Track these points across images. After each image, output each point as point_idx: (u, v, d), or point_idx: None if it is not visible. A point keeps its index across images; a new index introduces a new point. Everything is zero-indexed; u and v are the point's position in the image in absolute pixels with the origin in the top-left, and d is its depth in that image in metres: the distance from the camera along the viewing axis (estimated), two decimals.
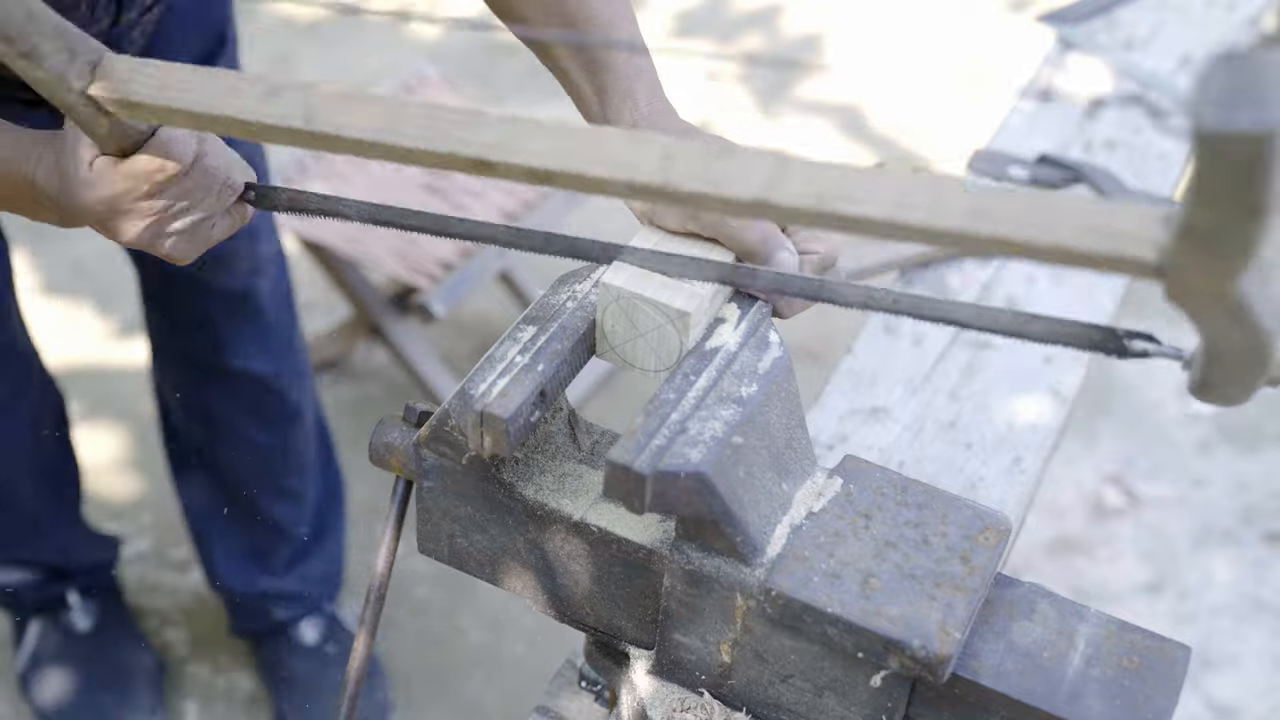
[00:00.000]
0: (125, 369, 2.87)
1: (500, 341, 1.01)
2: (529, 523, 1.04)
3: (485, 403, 0.95)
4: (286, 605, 2.29)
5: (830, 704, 0.99)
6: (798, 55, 4.01)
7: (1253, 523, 2.67)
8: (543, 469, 1.05)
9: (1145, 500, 2.72)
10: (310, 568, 2.28)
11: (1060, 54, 2.14)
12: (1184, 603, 2.53)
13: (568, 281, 1.07)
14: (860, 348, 1.59)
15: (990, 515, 1.01)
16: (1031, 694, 0.95)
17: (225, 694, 2.35)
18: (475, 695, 2.38)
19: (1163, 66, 2.11)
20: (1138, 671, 0.97)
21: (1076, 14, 2.21)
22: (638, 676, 1.06)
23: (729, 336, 1.01)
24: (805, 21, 4.15)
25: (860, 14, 4.18)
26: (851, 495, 1.02)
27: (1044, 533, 2.64)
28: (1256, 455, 2.80)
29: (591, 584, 1.05)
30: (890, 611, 0.93)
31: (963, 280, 1.69)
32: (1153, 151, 1.92)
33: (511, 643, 2.46)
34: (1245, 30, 2.21)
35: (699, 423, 0.95)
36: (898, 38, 4.08)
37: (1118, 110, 2.01)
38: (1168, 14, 2.23)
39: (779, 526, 0.99)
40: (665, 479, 0.91)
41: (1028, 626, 0.99)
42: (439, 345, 2.96)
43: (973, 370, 1.56)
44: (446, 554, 1.11)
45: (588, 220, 3.08)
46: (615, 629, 1.07)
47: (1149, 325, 3.33)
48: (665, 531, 1.02)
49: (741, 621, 0.98)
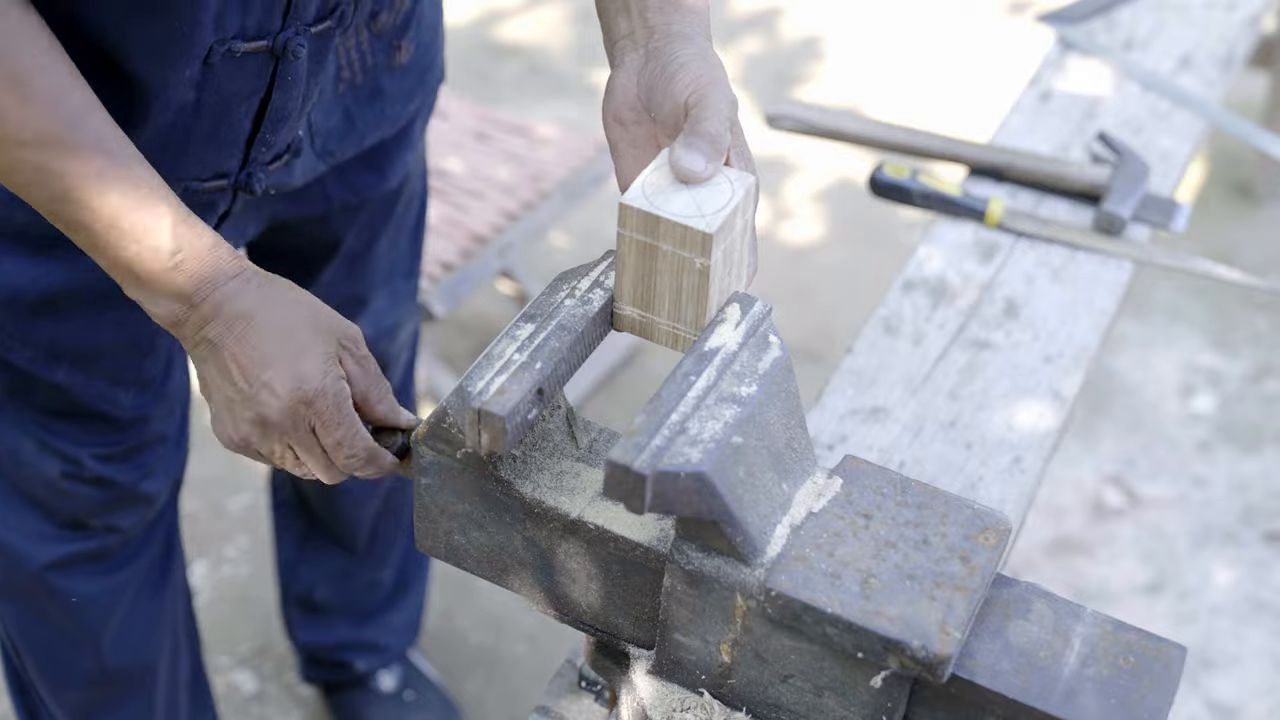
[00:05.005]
0: None
1: (498, 339, 1.01)
2: (526, 520, 1.05)
3: (483, 400, 0.95)
4: (367, 656, 2.21)
5: (830, 704, 0.99)
6: (798, 56, 4.01)
7: (1253, 523, 2.67)
8: (540, 467, 1.05)
9: (1145, 500, 2.72)
10: (393, 618, 2.21)
11: (1060, 54, 2.14)
12: (1184, 603, 2.53)
13: (566, 279, 1.07)
14: (860, 348, 1.59)
15: (990, 515, 1.01)
16: (1027, 693, 0.95)
17: (225, 695, 2.35)
18: (475, 695, 2.38)
19: (1163, 66, 2.11)
20: (1133, 671, 0.97)
21: (1076, 14, 2.21)
22: (638, 677, 1.06)
23: (729, 336, 1.01)
24: (805, 22, 4.15)
25: (860, 14, 4.19)
26: (851, 495, 1.02)
27: (1044, 533, 2.64)
28: (1256, 455, 2.80)
29: (589, 582, 1.05)
30: (890, 611, 0.93)
31: (963, 280, 1.69)
32: (1153, 151, 1.92)
33: (511, 643, 2.46)
34: (1245, 30, 2.21)
35: (699, 423, 0.95)
36: (898, 38, 4.08)
37: (1117, 110, 2.01)
38: (1168, 14, 2.23)
39: (779, 526, 0.99)
40: (665, 479, 0.91)
41: (1024, 626, 0.99)
42: (439, 345, 2.96)
43: (973, 370, 1.56)
44: (444, 551, 1.11)
45: (588, 220, 3.08)
46: (613, 627, 1.07)
47: (1149, 324, 3.33)
48: (663, 530, 1.02)
49: (741, 621, 0.98)
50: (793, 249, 3.35)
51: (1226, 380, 2.98)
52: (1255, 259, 3.23)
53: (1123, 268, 1.73)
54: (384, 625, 2.20)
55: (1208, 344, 3.07)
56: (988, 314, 1.64)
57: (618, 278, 1.03)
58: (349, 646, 2.20)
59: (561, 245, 3.29)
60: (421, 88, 1.54)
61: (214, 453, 2.75)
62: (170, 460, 1.62)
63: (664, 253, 0.99)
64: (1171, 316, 3.13)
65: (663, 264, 1.00)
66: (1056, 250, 1.74)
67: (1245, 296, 3.16)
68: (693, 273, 0.99)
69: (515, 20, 4.08)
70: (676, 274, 1.00)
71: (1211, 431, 2.86)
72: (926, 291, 1.67)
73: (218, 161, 1.31)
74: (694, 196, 0.99)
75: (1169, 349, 3.05)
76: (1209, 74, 2.10)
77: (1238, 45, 2.17)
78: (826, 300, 3.18)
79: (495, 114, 2.93)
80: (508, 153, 2.79)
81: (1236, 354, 3.04)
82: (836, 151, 3.53)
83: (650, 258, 1.00)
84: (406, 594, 2.20)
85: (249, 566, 2.55)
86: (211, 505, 2.67)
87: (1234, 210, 3.42)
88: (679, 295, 1.01)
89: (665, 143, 1.08)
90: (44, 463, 1.47)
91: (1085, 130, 1.96)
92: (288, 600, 2.18)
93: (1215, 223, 3.32)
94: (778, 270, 3.26)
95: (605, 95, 1.13)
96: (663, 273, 1.00)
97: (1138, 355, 3.03)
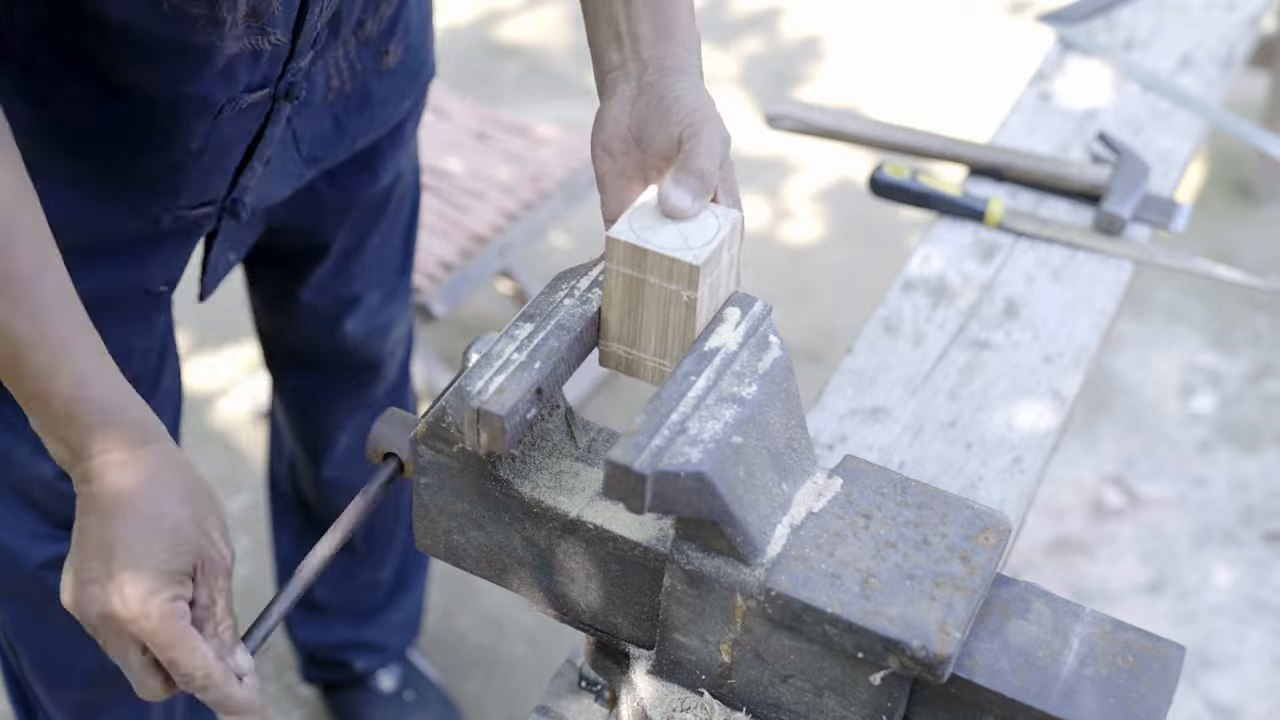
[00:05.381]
0: None
1: (498, 339, 1.01)
2: (525, 520, 1.05)
3: (482, 400, 0.96)
4: (367, 656, 2.21)
5: (830, 704, 0.99)
6: (798, 56, 4.01)
7: (1253, 523, 2.67)
8: (539, 466, 1.05)
9: (1145, 500, 2.72)
10: (392, 616, 2.20)
11: (1060, 54, 2.14)
12: (1184, 603, 2.53)
13: (566, 279, 1.07)
14: (860, 348, 1.59)
15: (990, 515, 1.01)
16: (1026, 693, 0.95)
17: None
18: (475, 695, 2.38)
19: (1163, 66, 2.11)
20: (1132, 670, 0.97)
21: (1076, 14, 2.21)
22: (638, 677, 1.06)
23: (729, 336, 1.01)
24: (805, 22, 4.15)
25: (860, 14, 4.19)
26: (851, 495, 1.02)
27: (1044, 533, 2.64)
28: (1256, 455, 2.80)
29: (588, 582, 1.05)
30: (890, 611, 0.93)
31: (963, 280, 1.69)
32: (1153, 151, 1.92)
33: (511, 643, 2.46)
34: (1245, 30, 2.21)
35: (699, 423, 0.95)
36: (898, 38, 4.08)
37: (1117, 110, 2.01)
38: (1168, 14, 2.23)
39: (779, 526, 0.99)
40: (665, 479, 0.91)
41: (1023, 625, 0.99)
42: (439, 345, 2.96)
43: (973, 370, 1.56)
44: (443, 550, 1.11)
45: (588, 219, 3.08)
46: (612, 627, 1.07)
47: (1149, 325, 3.33)
48: (662, 529, 1.02)
49: (741, 621, 0.98)
50: (793, 249, 3.35)
51: (1226, 380, 2.98)
52: (1255, 259, 3.23)
53: (1123, 268, 1.73)
54: (383, 624, 2.20)
55: (1208, 344, 3.07)
56: (988, 314, 1.64)
57: (604, 313, 1.04)
58: (348, 646, 2.19)
59: (561, 245, 3.29)
60: (412, 88, 1.54)
61: (214, 453, 2.76)
62: None
63: (651, 286, 1.00)
64: (1171, 316, 3.13)
65: (649, 297, 1.01)
66: (1056, 250, 1.74)
67: (1245, 296, 3.16)
68: (679, 306, 1.00)
69: (515, 20, 4.08)
70: (663, 308, 1.01)
71: (1211, 431, 2.86)
72: (926, 291, 1.67)
73: (207, 192, 1.32)
74: (680, 230, 1.00)
75: (1169, 349, 3.05)
76: (1209, 74, 2.10)
77: (1238, 45, 2.17)
78: (826, 300, 3.18)
79: (495, 114, 2.93)
80: (508, 153, 2.79)
81: (1236, 354, 3.04)
82: (836, 151, 3.53)
83: (637, 291, 1.01)
84: (405, 593, 2.20)
85: (249, 566, 2.55)
86: None
87: (1234, 210, 3.42)
88: (665, 329, 1.02)
89: (654, 177, 1.09)
90: (38, 464, 1.47)
91: (1085, 130, 1.96)
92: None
93: (1215, 223, 3.32)
94: (778, 270, 3.26)
95: (595, 125, 1.13)
96: (649, 306, 1.01)
97: (1138, 355, 3.03)
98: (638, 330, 1.03)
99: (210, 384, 2.91)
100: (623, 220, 1.01)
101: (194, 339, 3.01)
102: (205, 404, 2.86)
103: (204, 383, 2.91)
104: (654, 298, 1.01)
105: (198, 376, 2.92)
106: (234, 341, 3.01)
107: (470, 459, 1.03)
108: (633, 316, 1.03)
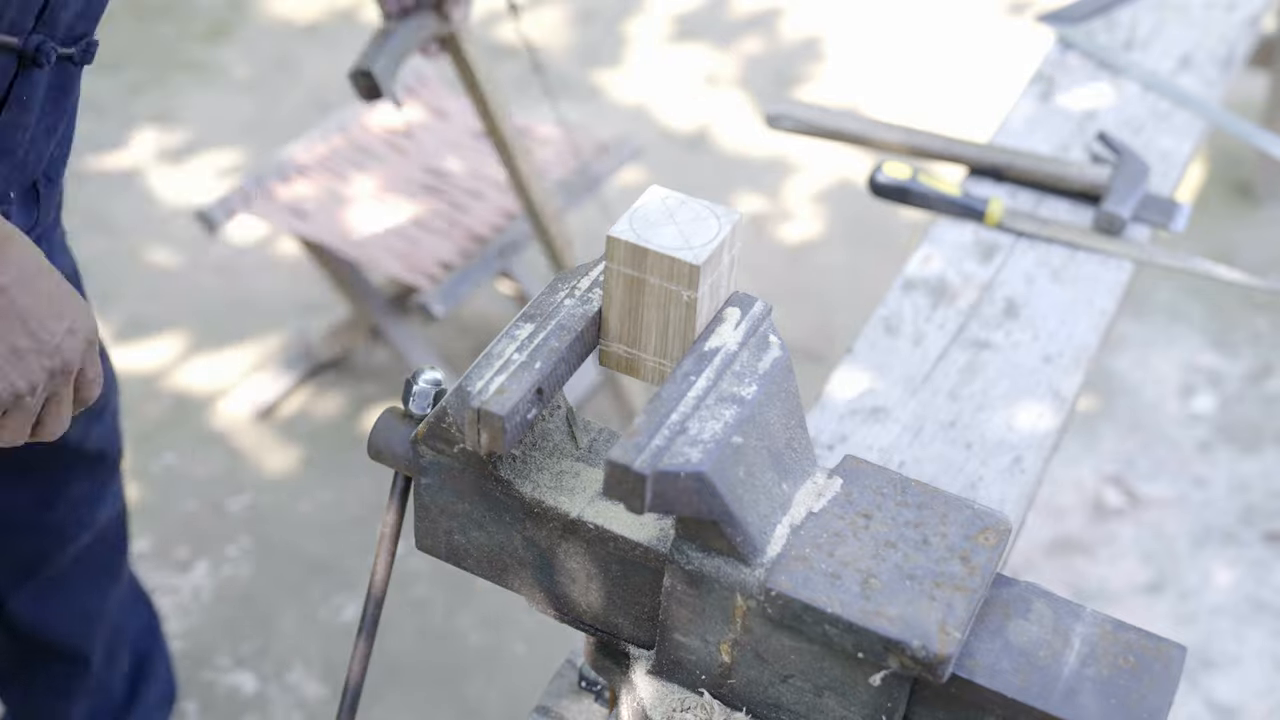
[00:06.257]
0: (124, 371, 2.87)
1: (498, 339, 1.01)
2: (526, 520, 1.05)
3: (482, 400, 0.96)
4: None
5: (830, 704, 0.99)
6: (798, 56, 4.01)
7: (1253, 523, 2.67)
8: (540, 466, 1.05)
9: (1145, 500, 2.72)
10: (147, 697, 2.11)
11: (1060, 54, 2.14)
12: (1184, 603, 2.53)
13: (566, 279, 1.07)
14: (860, 348, 1.59)
15: (990, 515, 1.01)
16: (1027, 693, 0.95)
17: (227, 695, 2.35)
18: (475, 695, 2.38)
19: (1163, 66, 2.11)
20: (1133, 670, 0.97)
21: (1076, 14, 2.21)
22: (638, 677, 1.06)
23: (729, 336, 1.01)
24: (805, 22, 4.15)
25: (860, 14, 4.19)
26: (851, 495, 1.02)
27: (1044, 533, 2.64)
28: (1256, 455, 2.80)
29: (588, 582, 1.05)
30: (890, 611, 0.93)
31: (963, 280, 1.69)
32: (1153, 151, 1.92)
33: (511, 643, 2.46)
34: (1245, 30, 2.21)
35: (699, 423, 0.95)
36: (898, 38, 4.08)
37: (1117, 110, 2.01)
38: (1168, 14, 2.23)
39: (779, 526, 0.99)
40: (665, 479, 0.91)
41: (1024, 625, 0.99)
42: (439, 345, 2.96)
43: (973, 370, 1.56)
44: (444, 551, 1.11)
45: (588, 219, 3.08)
46: (612, 627, 1.07)
47: (1149, 325, 3.33)
48: (662, 529, 1.02)
49: (741, 621, 0.98)
50: (793, 249, 3.35)
51: (1226, 380, 2.98)
52: (1255, 259, 3.23)
53: (1123, 268, 1.73)
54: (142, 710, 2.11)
55: (1208, 344, 3.07)
56: (988, 314, 1.64)
57: (604, 313, 1.04)
58: None
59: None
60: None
61: (214, 452, 2.76)
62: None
63: (651, 285, 1.00)
64: (1171, 316, 3.13)
65: (650, 297, 1.01)
66: (1056, 250, 1.74)
67: (1245, 296, 3.16)
68: (680, 306, 1.00)
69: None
70: (663, 307, 1.01)
71: (1211, 431, 2.86)
72: (926, 291, 1.67)
73: None
74: (681, 230, 1.00)
75: (1169, 349, 3.05)
76: (1209, 74, 2.10)
77: (1238, 45, 2.17)
78: (826, 300, 3.18)
79: None
80: None
81: (1236, 354, 3.04)
82: (836, 151, 3.53)
83: (637, 291, 1.01)
84: (149, 679, 2.11)
85: (249, 566, 2.55)
86: (211, 505, 2.67)
87: (1234, 210, 3.42)
88: (665, 329, 1.02)
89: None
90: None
91: (1085, 130, 1.96)
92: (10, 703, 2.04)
93: (1215, 223, 3.32)
94: (778, 270, 3.26)
95: None
96: (650, 306, 1.01)
97: (1138, 355, 3.03)
98: (638, 331, 1.03)
99: (210, 384, 2.91)
100: (623, 219, 1.01)
101: (194, 339, 3.01)
102: (205, 404, 2.86)
103: (204, 383, 2.91)
104: (654, 297, 1.01)
105: (198, 376, 2.93)
106: (234, 341, 3.01)
107: (471, 459, 1.03)
108: (633, 317, 1.03)
